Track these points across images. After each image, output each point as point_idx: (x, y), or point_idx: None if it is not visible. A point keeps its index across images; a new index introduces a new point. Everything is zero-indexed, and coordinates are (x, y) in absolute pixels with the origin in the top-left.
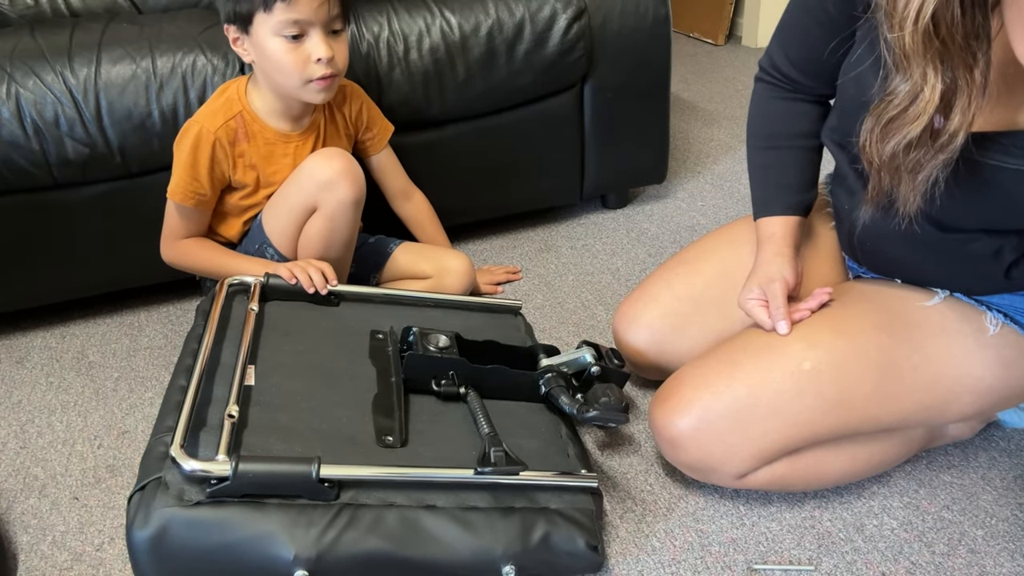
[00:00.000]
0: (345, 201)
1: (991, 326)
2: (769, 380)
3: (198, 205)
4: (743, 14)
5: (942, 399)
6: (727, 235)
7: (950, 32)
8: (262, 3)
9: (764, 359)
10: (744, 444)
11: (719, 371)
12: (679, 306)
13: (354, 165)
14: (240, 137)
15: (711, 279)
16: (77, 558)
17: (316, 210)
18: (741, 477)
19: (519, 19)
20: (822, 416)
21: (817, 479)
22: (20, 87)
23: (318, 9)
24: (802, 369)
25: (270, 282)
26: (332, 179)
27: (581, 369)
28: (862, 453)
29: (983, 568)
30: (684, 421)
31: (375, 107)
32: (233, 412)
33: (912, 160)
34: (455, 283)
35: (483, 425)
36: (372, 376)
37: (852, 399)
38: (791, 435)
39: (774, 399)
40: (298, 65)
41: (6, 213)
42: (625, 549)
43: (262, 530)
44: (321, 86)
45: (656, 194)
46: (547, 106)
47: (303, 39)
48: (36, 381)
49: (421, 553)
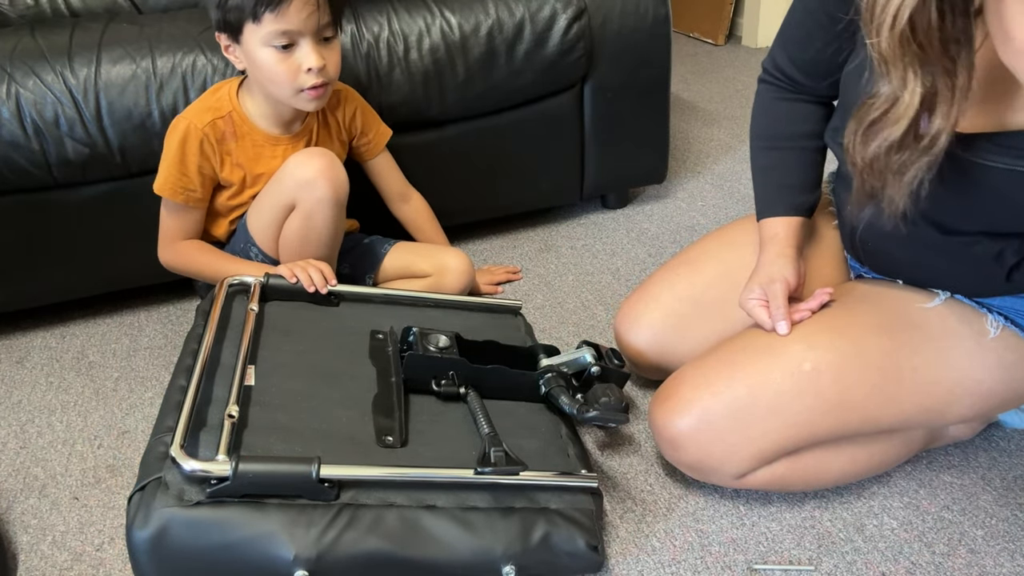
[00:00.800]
0: (323, 200)
1: (992, 328)
2: (769, 380)
3: (188, 202)
4: (743, 14)
5: (942, 401)
6: (728, 236)
7: (927, 37)
8: (251, 14)
9: (764, 359)
10: (744, 444)
11: (719, 371)
12: (680, 307)
13: (335, 165)
14: (228, 136)
15: (712, 280)
16: (77, 558)
17: (295, 208)
18: (741, 477)
19: (519, 19)
20: (822, 417)
21: (817, 479)
22: (20, 87)
23: (307, 19)
24: (802, 370)
25: (270, 282)
26: (311, 178)
27: (581, 369)
28: (862, 454)
29: (983, 568)
30: (684, 421)
31: (371, 112)
32: (233, 412)
33: (896, 162)
34: (454, 282)
35: (483, 425)
36: (372, 376)
37: (852, 400)
38: (791, 435)
39: (774, 399)
40: (289, 75)
41: (6, 213)
42: (625, 549)
43: (262, 530)
44: (313, 95)
45: (656, 194)
46: (547, 106)
47: (293, 49)
48: (36, 381)
49: (421, 553)
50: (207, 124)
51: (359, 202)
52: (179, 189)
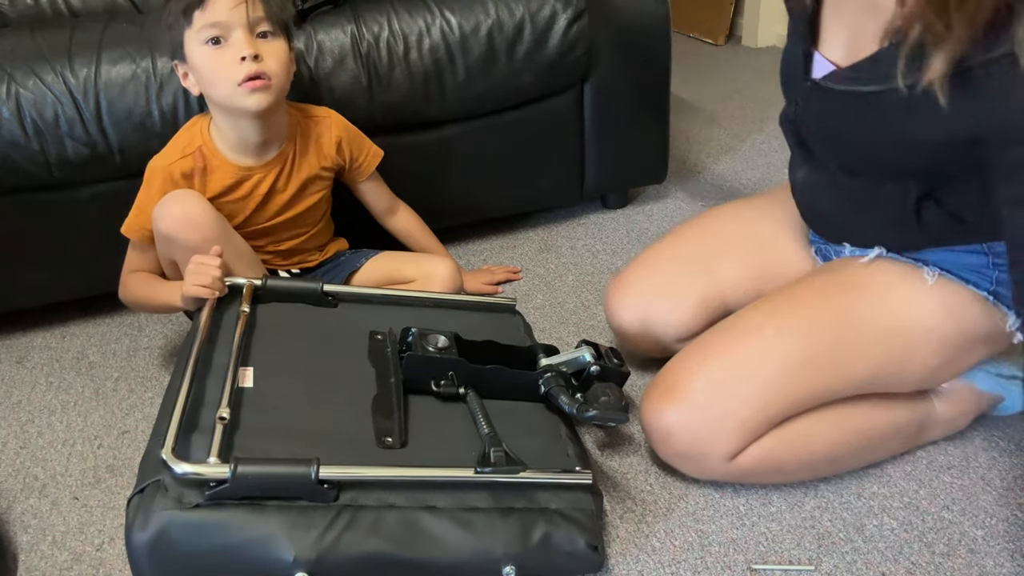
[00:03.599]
0: (163, 232)
1: (928, 277)
2: (737, 351)
3: (143, 239)
4: (743, 14)
5: (902, 351)
6: (712, 211)
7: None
8: (185, 19)
9: (731, 334)
10: (726, 417)
11: (694, 356)
12: (664, 266)
13: (186, 211)
14: (197, 172)
15: (696, 241)
16: (77, 558)
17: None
18: (732, 459)
19: (519, 19)
20: (793, 377)
21: (808, 452)
22: (20, 87)
23: (234, 10)
24: (765, 335)
25: (267, 284)
26: (166, 233)
27: (580, 368)
28: (847, 421)
29: (983, 568)
30: (670, 409)
31: (359, 136)
32: (224, 414)
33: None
34: (440, 288)
35: (483, 425)
36: (371, 377)
37: (817, 356)
38: (769, 400)
39: (744, 366)
40: (224, 68)
41: (6, 213)
42: (625, 549)
43: (262, 532)
44: (250, 88)
45: (656, 194)
46: (547, 106)
47: (225, 43)
48: (36, 381)
49: (421, 554)
50: (173, 162)
51: (354, 216)
52: (136, 227)
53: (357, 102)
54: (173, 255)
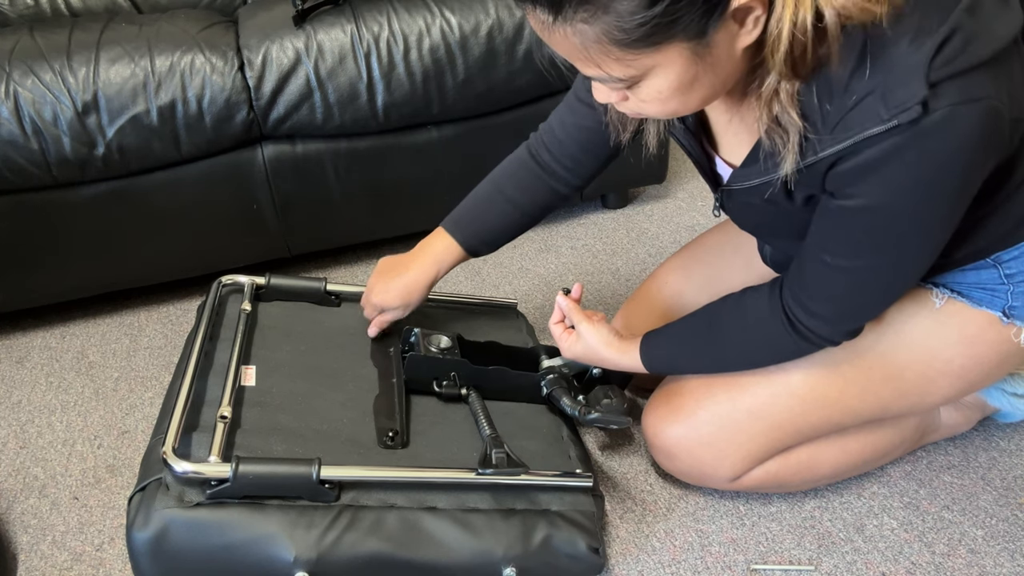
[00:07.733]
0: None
1: (937, 300)
2: (745, 386)
3: None
4: None
5: (918, 385)
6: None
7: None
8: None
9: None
10: (733, 449)
11: (701, 381)
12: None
13: None
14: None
15: (701, 285)
16: (77, 558)
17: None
18: (736, 480)
19: (519, 19)
20: (802, 416)
21: (811, 474)
22: (19, 86)
23: None
24: (772, 373)
25: (271, 282)
26: None
27: (582, 370)
28: (853, 444)
29: (983, 568)
30: (674, 429)
31: None
32: (226, 413)
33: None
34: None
35: (484, 426)
36: (373, 377)
37: (826, 395)
38: (777, 436)
39: (753, 403)
40: None
41: (6, 213)
42: (625, 549)
43: (263, 531)
44: None
45: (656, 194)
46: (547, 106)
47: None
48: (36, 381)
49: (422, 555)
50: None
51: (365, 203)
52: None
53: (357, 102)
54: None
